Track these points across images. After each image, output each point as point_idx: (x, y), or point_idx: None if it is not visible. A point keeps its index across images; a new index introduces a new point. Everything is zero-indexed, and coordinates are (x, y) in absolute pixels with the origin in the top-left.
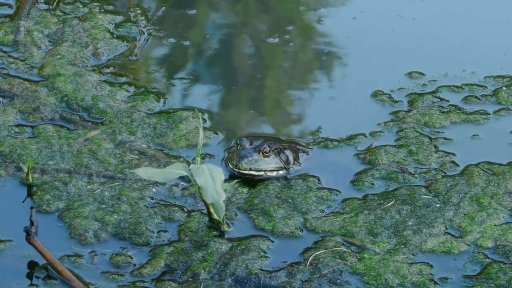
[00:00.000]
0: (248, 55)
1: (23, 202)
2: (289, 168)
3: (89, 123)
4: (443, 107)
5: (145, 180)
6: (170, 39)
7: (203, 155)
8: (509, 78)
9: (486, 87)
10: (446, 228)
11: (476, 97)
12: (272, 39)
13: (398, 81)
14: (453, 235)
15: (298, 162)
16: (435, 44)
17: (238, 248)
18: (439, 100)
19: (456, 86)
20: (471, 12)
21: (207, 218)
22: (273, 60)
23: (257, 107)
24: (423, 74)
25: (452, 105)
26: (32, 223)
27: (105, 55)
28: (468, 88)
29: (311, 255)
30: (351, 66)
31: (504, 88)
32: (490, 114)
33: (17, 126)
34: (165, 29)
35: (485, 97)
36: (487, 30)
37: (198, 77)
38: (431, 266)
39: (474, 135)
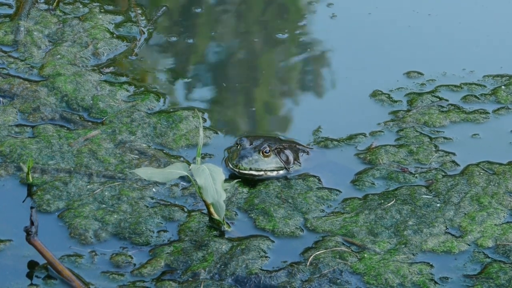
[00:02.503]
0: (251, 53)
1: (23, 202)
2: (289, 168)
3: (89, 123)
4: (442, 107)
5: (145, 180)
6: (171, 38)
7: (203, 155)
8: (508, 77)
9: (485, 86)
10: (447, 228)
11: (475, 96)
12: (281, 35)
13: (396, 80)
14: (453, 235)
15: (298, 162)
16: (438, 42)
17: (238, 248)
18: (438, 99)
19: (455, 86)
20: (487, 9)
21: (207, 218)
22: (276, 58)
23: (257, 106)
24: (421, 74)
25: (452, 105)
26: (32, 223)
27: (105, 55)
28: (467, 87)
29: (311, 255)
30: (352, 65)
31: (503, 87)
32: (489, 113)
33: (17, 126)
34: (165, 29)
35: (484, 96)
36: (498, 28)
37: (199, 76)
38: (431, 265)
39: (474, 135)
